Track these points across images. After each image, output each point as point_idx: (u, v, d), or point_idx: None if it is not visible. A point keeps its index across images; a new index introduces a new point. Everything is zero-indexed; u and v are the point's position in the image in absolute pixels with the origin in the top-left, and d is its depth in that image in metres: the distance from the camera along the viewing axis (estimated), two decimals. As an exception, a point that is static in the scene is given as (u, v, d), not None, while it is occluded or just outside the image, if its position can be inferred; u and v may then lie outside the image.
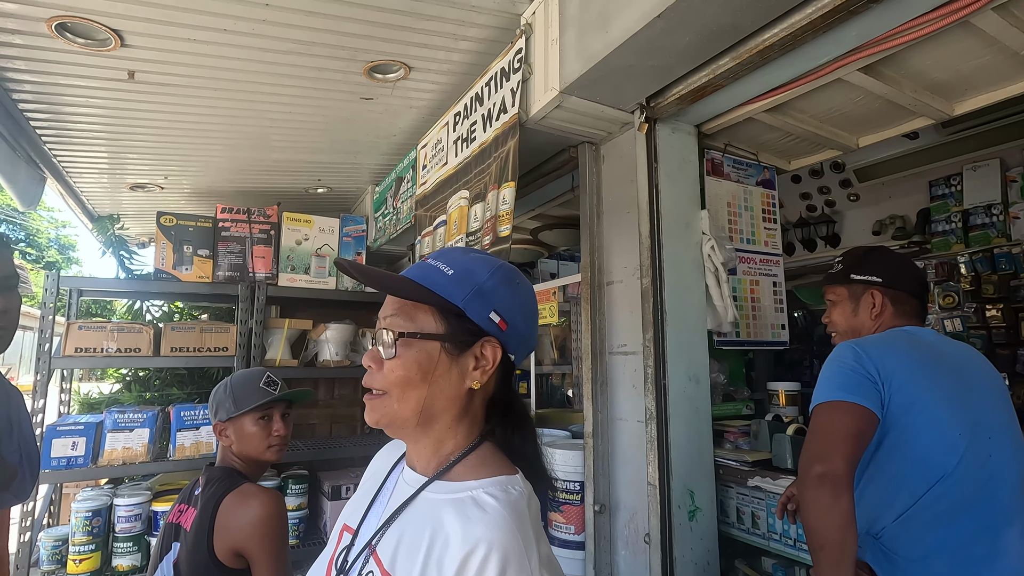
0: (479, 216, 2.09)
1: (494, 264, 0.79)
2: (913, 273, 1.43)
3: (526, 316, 0.78)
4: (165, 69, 2.10)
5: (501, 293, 0.76)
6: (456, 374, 0.75)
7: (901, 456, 1.16)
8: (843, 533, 1.04)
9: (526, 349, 0.81)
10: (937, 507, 1.12)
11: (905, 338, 1.29)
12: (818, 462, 1.09)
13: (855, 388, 1.16)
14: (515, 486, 0.71)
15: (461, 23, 1.95)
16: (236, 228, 3.19)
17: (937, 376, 1.20)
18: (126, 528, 2.52)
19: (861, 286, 1.43)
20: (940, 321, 3.20)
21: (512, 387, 0.82)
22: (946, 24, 1.33)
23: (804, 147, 2.24)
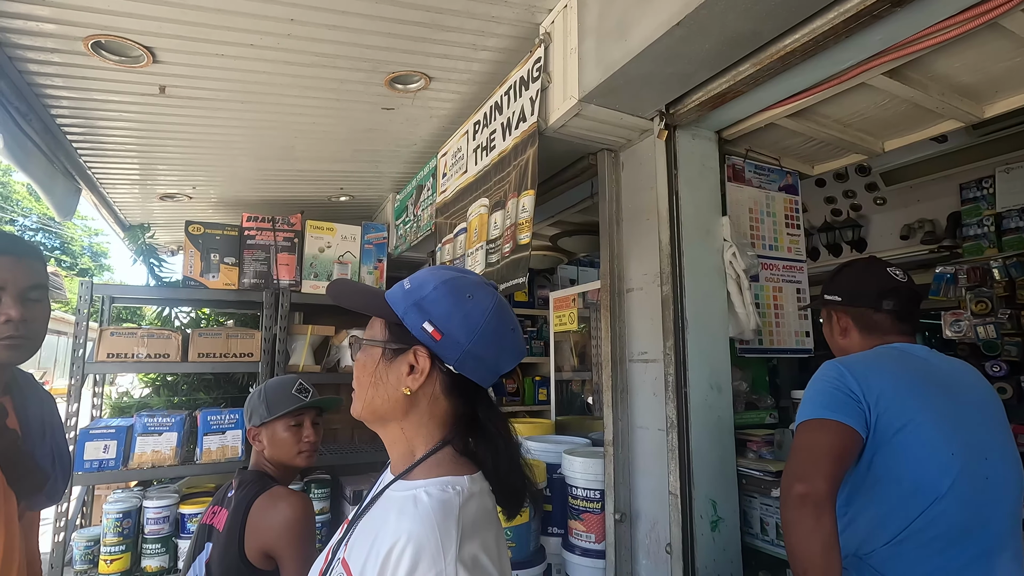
0: (499, 224, 2.11)
1: (446, 276, 0.83)
2: (875, 286, 1.33)
3: (470, 329, 0.79)
4: (195, 84, 2.17)
5: (441, 305, 0.80)
6: (393, 378, 0.81)
7: (891, 478, 1.11)
8: (826, 556, 1.00)
9: (481, 367, 0.81)
10: (930, 531, 1.08)
11: (894, 355, 1.24)
12: (798, 482, 1.06)
13: (837, 406, 1.12)
14: (456, 485, 0.75)
15: (480, 33, 1.97)
16: (261, 236, 3.26)
17: (928, 394, 1.15)
18: (155, 530, 2.58)
19: (830, 306, 1.40)
20: (973, 327, 3.10)
21: (479, 403, 0.84)
22: (975, 26, 1.30)
23: (828, 151, 2.21)
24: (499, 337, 0.81)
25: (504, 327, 0.82)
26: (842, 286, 1.37)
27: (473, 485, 0.77)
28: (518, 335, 0.85)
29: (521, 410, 3.69)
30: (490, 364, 0.82)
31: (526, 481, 0.84)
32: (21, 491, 1.08)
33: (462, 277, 0.84)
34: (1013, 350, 3.04)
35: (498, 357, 0.82)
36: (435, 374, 0.82)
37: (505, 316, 0.83)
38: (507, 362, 0.84)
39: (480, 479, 0.79)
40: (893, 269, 1.34)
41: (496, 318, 0.81)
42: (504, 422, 0.86)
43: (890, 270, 1.34)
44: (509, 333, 0.83)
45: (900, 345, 1.28)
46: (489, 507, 0.78)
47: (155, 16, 1.76)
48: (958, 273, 3.22)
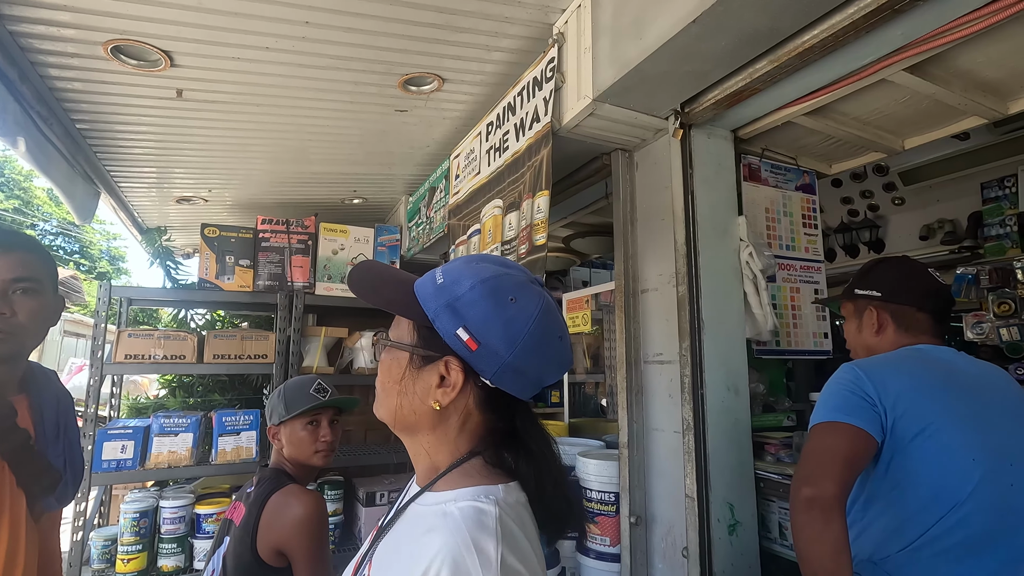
0: (514, 225, 2.10)
1: (486, 274, 0.72)
2: (921, 285, 1.31)
3: (511, 339, 0.68)
4: (211, 87, 2.19)
5: (478, 308, 0.69)
6: (421, 389, 0.72)
7: (909, 482, 1.08)
8: (836, 560, 0.98)
9: (522, 380, 0.71)
10: (949, 539, 1.04)
11: (915, 357, 1.22)
12: (807, 485, 1.04)
13: (851, 409, 1.10)
14: (490, 495, 0.66)
15: (494, 35, 1.97)
16: (275, 239, 3.29)
17: (949, 397, 1.12)
18: (171, 530, 2.60)
19: (863, 302, 1.36)
20: (996, 329, 3.03)
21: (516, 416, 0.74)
22: (1000, 19, 1.27)
23: (846, 150, 2.18)
24: (545, 347, 0.71)
25: (551, 335, 0.72)
26: (883, 282, 1.33)
27: (508, 495, 0.68)
28: (566, 343, 0.74)
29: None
30: (532, 377, 0.71)
31: (571, 504, 0.75)
32: (32, 492, 1.07)
33: (505, 275, 0.73)
34: (1038, 352, 2.97)
35: (542, 369, 0.72)
36: (468, 387, 0.72)
37: (552, 322, 0.72)
38: (552, 374, 0.74)
39: (516, 489, 0.71)
40: (933, 270, 1.33)
41: (542, 325, 0.70)
42: (546, 438, 0.76)
43: (931, 271, 1.32)
44: (556, 342, 0.72)
45: (923, 347, 1.25)
46: (527, 519, 0.69)
47: (173, 20, 1.79)
48: (980, 274, 3.15)
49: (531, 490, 0.72)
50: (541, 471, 0.72)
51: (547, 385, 0.75)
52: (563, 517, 0.74)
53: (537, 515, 0.72)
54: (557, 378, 0.75)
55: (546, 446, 0.75)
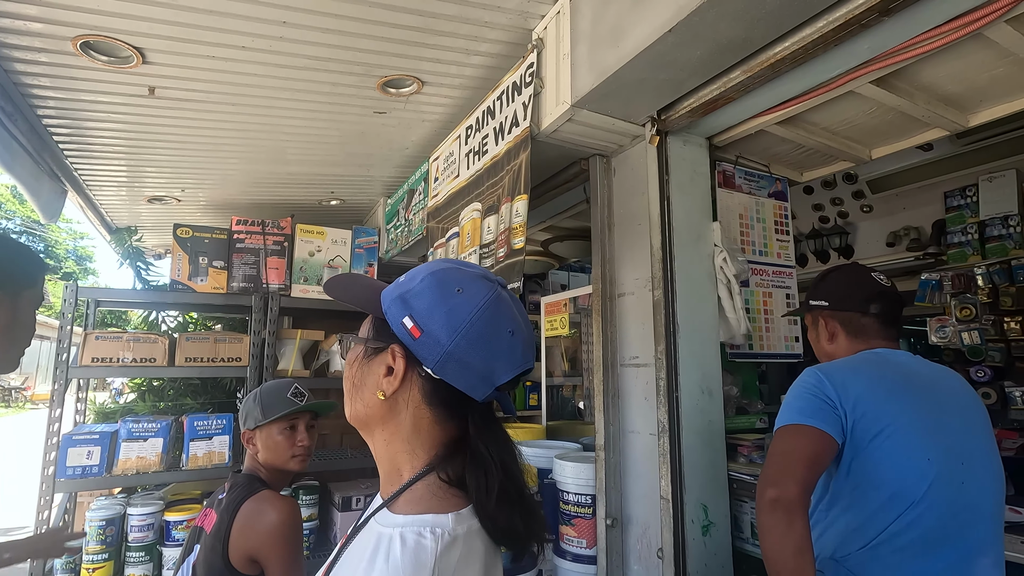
0: (493, 228, 2.10)
1: (437, 267, 0.74)
2: (861, 291, 1.34)
3: (452, 328, 0.68)
4: (185, 85, 2.15)
5: (424, 297, 0.70)
6: (371, 381, 0.73)
7: (869, 483, 1.12)
8: (798, 560, 1.01)
9: (467, 374, 0.69)
10: (907, 536, 1.08)
11: (874, 360, 1.25)
12: (771, 486, 1.07)
13: (813, 412, 1.13)
14: (437, 528, 0.64)
15: (474, 38, 1.98)
16: (250, 240, 3.23)
17: (906, 399, 1.16)
18: (139, 537, 2.53)
19: (816, 311, 1.40)
20: (958, 333, 3.15)
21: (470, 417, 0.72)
22: (958, 37, 1.33)
23: (816, 159, 2.24)
24: (492, 340, 0.69)
25: (499, 328, 0.70)
26: (829, 291, 1.38)
27: (459, 525, 0.66)
28: (520, 340, 0.72)
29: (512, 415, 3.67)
30: (479, 371, 0.69)
31: (527, 518, 0.70)
32: None
33: (457, 269, 0.73)
34: (997, 356, 3.09)
35: (490, 364, 0.70)
36: (413, 378, 0.71)
37: (502, 316, 0.71)
38: (505, 370, 0.71)
39: (469, 515, 0.68)
40: (877, 274, 1.36)
41: (488, 317, 0.70)
42: (501, 444, 0.73)
43: (875, 275, 1.35)
44: (505, 336, 0.71)
45: (882, 351, 1.29)
46: (478, 548, 0.67)
47: (145, 16, 1.75)
48: (943, 280, 3.27)
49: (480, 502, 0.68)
50: (488, 477, 0.69)
51: (502, 385, 0.72)
52: (514, 532, 0.69)
53: (489, 533, 0.68)
54: (510, 376, 0.71)
55: (499, 452, 0.72)
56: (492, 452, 0.71)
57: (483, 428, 0.72)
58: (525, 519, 0.70)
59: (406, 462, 0.72)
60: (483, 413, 0.74)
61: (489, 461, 0.70)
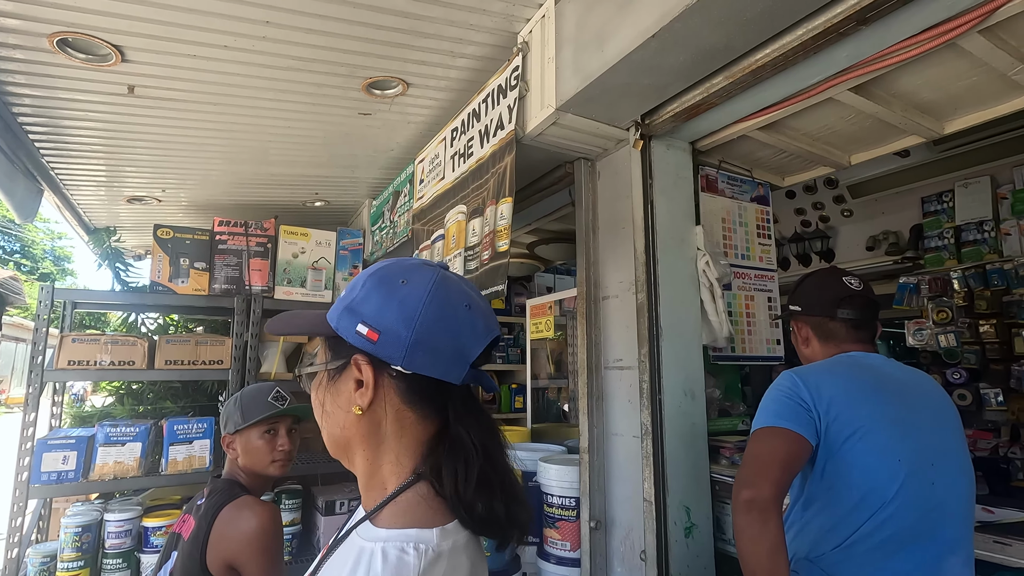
0: (477, 231, 2.10)
1: (374, 269, 0.73)
2: (829, 295, 1.35)
3: (408, 317, 0.67)
4: (166, 84, 2.12)
5: (371, 300, 0.69)
6: (343, 401, 0.71)
7: (842, 484, 1.14)
8: (773, 560, 1.03)
9: (438, 358, 0.68)
10: (879, 535, 1.10)
11: (848, 363, 1.27)
12: (746, 488, 1.08)
13: (787, 415, 1.15)
14: (420, 543, 0.62)
15: (459, 41, 1.98)
16: (233, 241, 3.19)
17: (878, 402, 1.18)
18: (116, 544, 2.48)
19: (793, 316, 1.43)
20: (935, 336, 3.21)
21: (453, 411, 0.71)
22: (933, 47, 1.36)
23: (797, 164, 2.27)
24: (450, 318, 0.69)
25: (454, 305, 0.70)
26: (802, 296, 1.40)
27: (443, 540, 0.64)
28: (477, 311, 0.72)
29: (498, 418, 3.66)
30: (449, 352, 0.69)
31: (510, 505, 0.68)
32: None
33: (394, 263, 0.73)
34: (972, 358, 3.16)
35: (457, 340, 0.69)
36: (386, 382, 0.70)
37: (453, 293, 0.71)
38: (473, 344, 0.70)
39: (455, 529, 0.66)
40: (849, 278, 1.37)
41: (440, 297, 0.69)
42: (483, 429, 0.71)
43: (846, 279, 1.37)
44: (462, 311, 0.70)
45: (855, 354, 1.31)
46: (463, 565, 0.65)
47: (124, 14, 1.72)
48: (920, 283, 3.33)
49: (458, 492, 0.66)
50: (469, 465, 0.67)
51: (476, 360, 0.71)
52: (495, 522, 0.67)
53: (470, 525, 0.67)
54: (482, 347, 0.71)
55: (487, 436, 0.71)
56: (473, 436, 0.69)
57: (463, 414, 0.71)
58: (508, 505, 0.68)
59: (391, 473, 0.70)
60: (463, 398, 0.72)
61: (469, 446, 0.69)
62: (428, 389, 0.70)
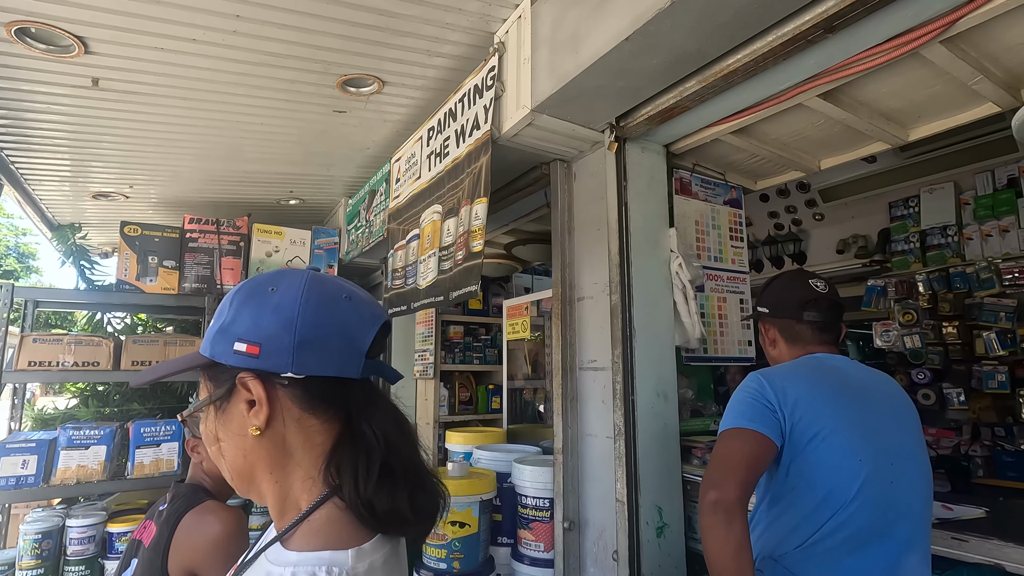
0: (452, 231, 2.09)
1: (239, 288, 0.70)
2: (795, 298, 1.37)
3: (287, 320, 0.64)
4: (131, 77, 2.06)
5: (243, 316, 0.66)
6: (237, 427, 0.67)
7: (806, 484, 1.15)
8: (738, 560, 1.04)
9: (329, 354, 0.66)
10: (840, 535, 1.11)
11: (813, 365, 1.29)
12: (712, 489, 1.09)
13: (753, 416, 1.16)
14: (334, 567, 0.59)
15: (435, 40, 1.96)
16: (204, 239, 3.13)
17: (841, 403, 1.20)
18: (78, 551, 2.41)
19: (761, 317, 1.45)
20: (901, 337, 3.30)
21: (355, 404, 0.68)
22: (897, 55, 1.39)
23: (769, 167, 2.31)
24: (332, 312, 0.67)
25: (333, 298, 0.68)
26: (769, 298, 1.42)
27: (359, 562, 0.60)
28: (361, 300, 0.71)
29: (474, 418, 3.66)
30: (339, 346, 0.66)
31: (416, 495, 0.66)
32: None
33: (258, 276, 0.71)
34: (936, 359, 3.25)
35: (345, 333, 0.67)
36: (280, 393, 0.66)
37: (329, 287, 0.69)
38: (362, 333, 0.68)
39: (374, 547, 0.63)
40: (815, 280, 1.39)
41: (316, 293, 0.67)
42: (387, 420, 0.69)
43: (812, 281, 1.39)
44: (344, 302, 0.69)
45: (820, 355, 1.33)
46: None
47: (87, 4, 1.67)
48: (887, 286, 3.42)
49: (357, 489, 0.64)
50: (372, 458, 0.65)
51: (370, 350, 0.69)
52: (399, 515, 0.65)
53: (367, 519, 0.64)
54: (373, 333, 0.69)
55: (390, 427, 0.68)
56: (375, 429, 0.67)
57: (365, 407, 0.69)
58: (412, 496, 0.66)
59: (304, 491, 0.67)
60: (364, 392, 0.70)
61: (372, 440, 0.66)
62: (327, 390, 0.67)
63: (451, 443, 2.48)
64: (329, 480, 0.66)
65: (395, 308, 2.56)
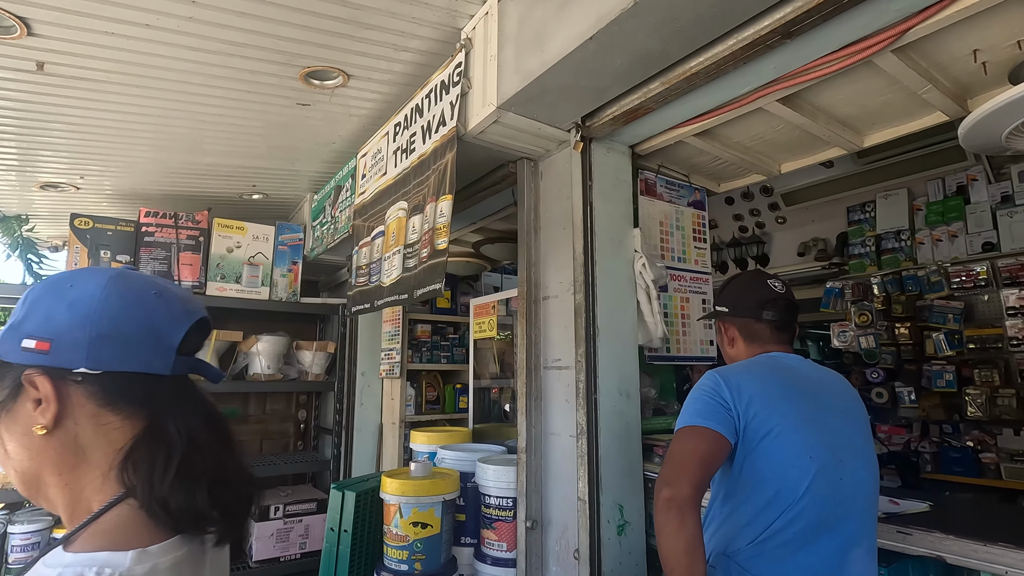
0: (417, 228, 2.06)
1: (36, 284, 0.69)
2: (755, 297, 1.40)
3: (84, 315, 0.63)
4: (81, 63, 1.97)
5: (36, 312, 0.64)
6: (22, 427, 0.64)
7: (758, 481, 1.18)
8: (690, 557, 1.06)
9: (132, 348, 0.64)
10: (790, 531, 1.14)
11: (768, 363, 1.32)
12: (666, 487, 1.11)
13: (708, 414, 1.18)
14: (106, 569, 0.55)
15: (402, 34, 1.93)
16: (161, 233, 3.03)
17: (793, 401, 1.22)
18: (21, 559, 2.30)
19: (720, 317, 1.47)
20: (856, 338, 3.41)
21: (161, 403, 0.66)
22: (851, 63, 1.43)
23: (732, 170, 2.35)
24: (136, 305, 0.65)
25: (138, 292, 0.66)
26: (728, 298, 1.44)
27: (139, 564, 0.57)
28: (173, 296, 0.69)
29: (442, 418, 3.63)
30: (143, 341, 0.64)
31: (219, 491, 0.64)
32: None
33: (58, 274, 0.69)
34: (889, 358, 3.37)
35: (150, 327, 0.65)
36: (73, 390, 0.63)
37: (135, 283, 0.67)
38: (172, 328, 0.66)
39: (165, 549, 0.60)
40: (773, 281, 1.43)
41: (121, 287, 0.65)
42: (200, 414, 0.68)
43: (770, 281, 1.42)
44: (152, 297, 0.67)
45: (775, 354, 1.36)
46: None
47: (30, -16, 1.59)
48: (845, 288, 3.53)
49: (151, 486, 0.61)
50: (172, 454, 0.63)
51: (184, 347, 0.67)
52: (197, 513, 0.62)
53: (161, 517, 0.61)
54: (182, 330, 0.67)
55: (195, 423, 0.67)
56: (180, 426, 0.65)
57: (172, 404, 0.67)
58: (211, 489, 0.64)
59: (97, 492, 0.63)
60: (175, 389, 0.68)
61: (173, 436, 0.64)
62: (132, 386, 0.65)
63: (415, 443, 2.45)
64: (124, 480, 0.63)
65: (359, 306, 2.51)
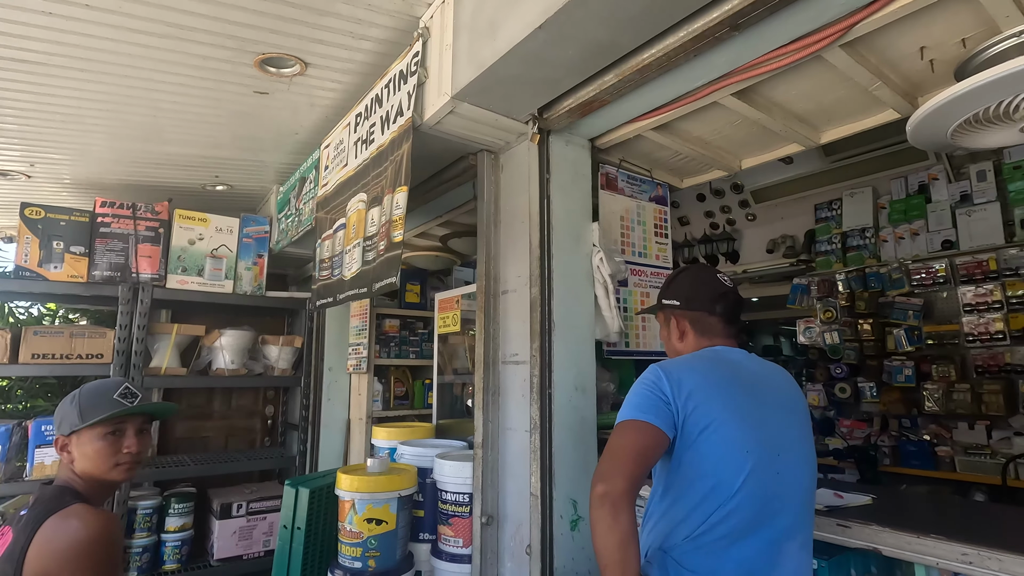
0: (376, 220, 2.03)
1: None
2: (708, 291, 1.40)
3: None
4: (18, 44, 1.89)
5: None
6: None
7: (696, 475, 1.17)
8: (624, 552, 1.05)
9: None
10: (725, 526, 1.13)
11: (710, 357, 1.32)
12: (600, 482, 1.10)
13: (647, 408, 1.17)
14: None
15: (359, 22, 1.89)
16: (118, 224, 2.94)
17: (733, 395, 1.22)
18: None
19: (668, 310, 1.45)
20: (821, 334, 3.45)
21: None
22: (801, 57, 1.43)
23: (693, 166, 2.35)
24: None
25: None
26: (680, 291, 1.43)
27: None
28: None
29: (410, 414, 3.60)
30: None
31: None
32: None
33: None
34: (852, 354, 3.41)
35: None
36: None
37: None
38: None
39: None
40: (722, 275, 1.43)
41: None
42: None
43: (720, 276, 1.42)
44: None
45: (719, 348, 1.35)
46: None
47: (-41, -40, 1.52)
48: (811, 285, 3.57)
49: None
50: None
51: None
52: None
53: None
54: None
55: None
56: None
57: None
58: None
59: None
60: None
61: None
62: None
63: (376, 438, 2.42)
64: None
65: (322, 300, 2.47)
